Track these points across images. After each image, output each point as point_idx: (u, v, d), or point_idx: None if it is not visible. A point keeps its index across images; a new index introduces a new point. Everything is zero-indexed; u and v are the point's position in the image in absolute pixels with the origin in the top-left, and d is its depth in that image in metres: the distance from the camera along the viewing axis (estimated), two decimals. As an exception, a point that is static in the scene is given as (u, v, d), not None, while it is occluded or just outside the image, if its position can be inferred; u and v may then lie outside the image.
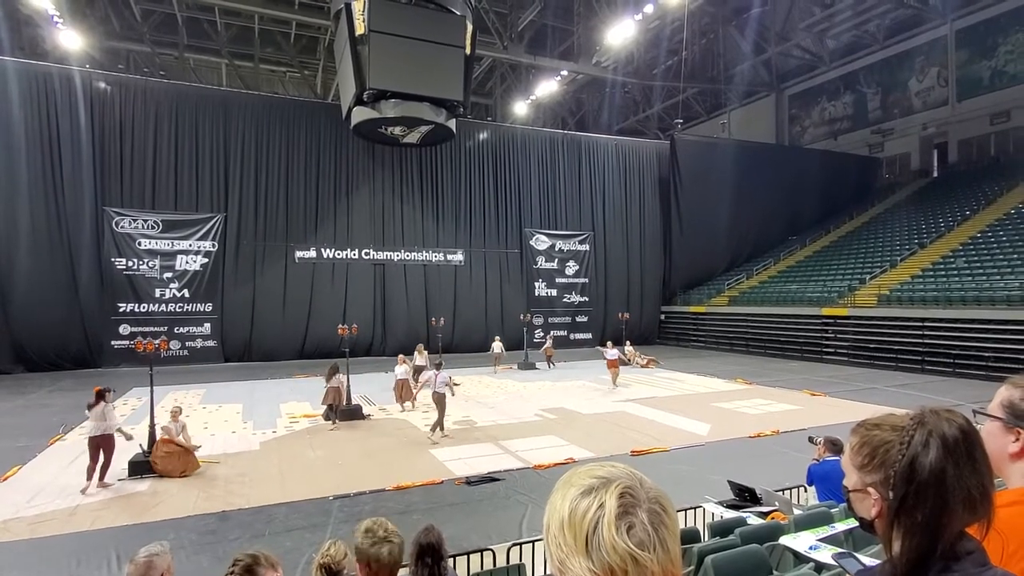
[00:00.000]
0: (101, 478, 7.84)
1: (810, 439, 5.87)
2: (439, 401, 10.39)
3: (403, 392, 13.24)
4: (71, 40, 22.54)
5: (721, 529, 4.68)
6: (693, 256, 29.61)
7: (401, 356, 14.12)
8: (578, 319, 28.11)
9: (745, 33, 32.75)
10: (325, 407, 12.00)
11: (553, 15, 27.86)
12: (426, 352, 16.90)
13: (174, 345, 20.56)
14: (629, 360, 20.22)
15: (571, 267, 28.00)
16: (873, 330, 19.66)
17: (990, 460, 1.11)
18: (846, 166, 32.14)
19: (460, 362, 20.88)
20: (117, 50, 26.98)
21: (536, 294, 27.20)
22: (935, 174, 30.63)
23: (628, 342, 21.67)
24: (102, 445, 7.82)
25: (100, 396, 7.90)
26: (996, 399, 1.30)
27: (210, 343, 21.66)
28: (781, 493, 5.98)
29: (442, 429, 10.40)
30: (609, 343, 17.50)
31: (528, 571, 4.66)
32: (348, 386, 12.21)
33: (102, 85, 20.37)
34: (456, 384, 12.23)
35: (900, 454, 0.97)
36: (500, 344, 20.24)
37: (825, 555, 3.69)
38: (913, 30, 29.33)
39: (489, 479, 8.09)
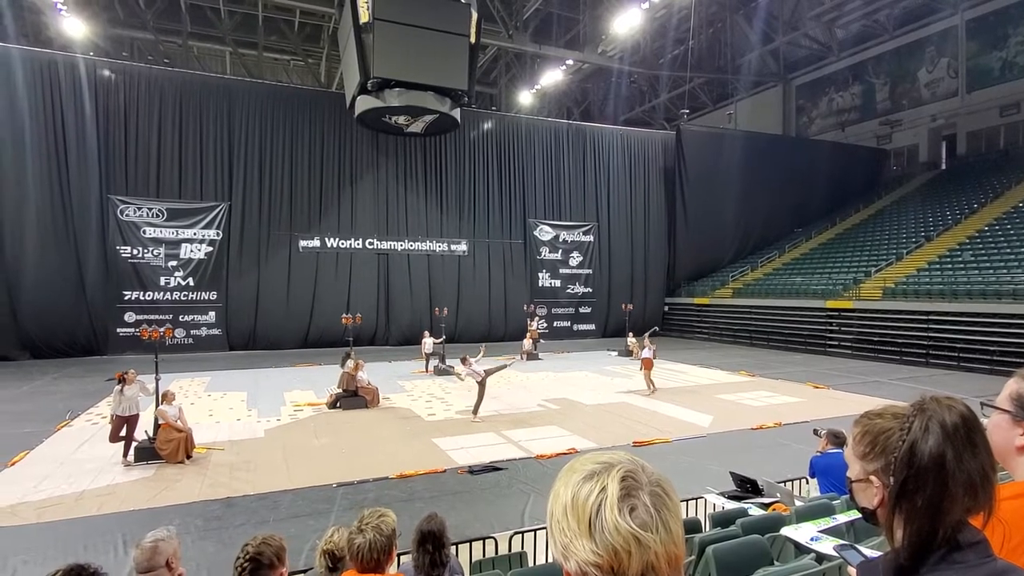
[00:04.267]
0: (124, 454, 8.43)
1: (815, 431, 5.86)
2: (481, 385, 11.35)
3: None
4: (75, 27, 22.48)
5: (723, 520, 4.70)
6: (698, 247, 29.49)
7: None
8: (582, 310, 28.10)
9: (753, 22, 32.41)
10: (331, 395, 12.45)
11: (559, 3, 27.57)
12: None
13: (179, 333, 20.69)
14: (632, 353, 20.18)
15: (575, 258, 27.94)
16: (878, 323, 19.57)
17: (997, 452, 1.10)
18: (853, 158, 31.85)
19: (463, 352, 20.88)
20: (121, 37, 26.91)
21: (540, 285, 27.18)
22: (943, 166, 30.37)
23: (631, 333, 21.64)
24: (125, 423, 8.44)
25: (120, 379, 8.51)
26: (1004, 391, 1.29)
27: (215, 331, 21.77)
28: (783, 485, 5.99)
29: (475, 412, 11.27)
30: (647, 338, 15.31)
31: (529, 559, 4.69)
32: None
33: (106, 73, 20.32)
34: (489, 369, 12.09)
35: (900, 440, 0.98)
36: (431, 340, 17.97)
37: (826, 546, 3.70)
38: (923, 20, 28.96)
39: (492, 468, 8.13)
